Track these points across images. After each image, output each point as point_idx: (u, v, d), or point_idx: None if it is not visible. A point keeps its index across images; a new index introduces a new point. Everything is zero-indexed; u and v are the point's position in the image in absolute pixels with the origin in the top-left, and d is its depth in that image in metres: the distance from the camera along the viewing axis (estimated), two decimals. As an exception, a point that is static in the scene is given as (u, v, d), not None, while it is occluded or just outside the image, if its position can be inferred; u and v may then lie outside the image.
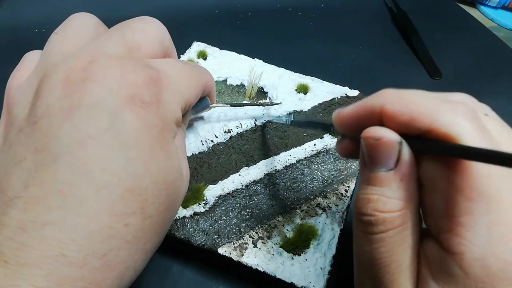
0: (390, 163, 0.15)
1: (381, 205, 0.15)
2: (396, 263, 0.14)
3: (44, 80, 0.15)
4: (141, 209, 0.14)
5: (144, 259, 0.15)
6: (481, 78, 0.41)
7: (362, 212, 0.15)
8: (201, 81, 0.20)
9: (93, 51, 0.16)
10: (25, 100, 0.15)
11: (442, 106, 0.14)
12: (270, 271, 0.22)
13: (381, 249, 0.15)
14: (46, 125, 0.14)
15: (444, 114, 0.14)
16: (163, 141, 0.16)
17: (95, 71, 0.15)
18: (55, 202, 0.13)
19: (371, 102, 0.16)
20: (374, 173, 0.15)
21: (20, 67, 0.17)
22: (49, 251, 0.12)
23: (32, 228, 0.12)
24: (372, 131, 0.15)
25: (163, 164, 0.15)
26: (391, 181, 0.15)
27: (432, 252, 0.14)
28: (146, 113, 0.15)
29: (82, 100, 0.14)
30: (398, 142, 0.15)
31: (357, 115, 0.17)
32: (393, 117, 0.15)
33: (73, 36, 0.17)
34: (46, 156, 0.13)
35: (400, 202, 0.15)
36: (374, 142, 0.15)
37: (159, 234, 0.16)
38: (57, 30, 0.18)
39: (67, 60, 0.15)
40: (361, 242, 0.16)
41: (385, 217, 0.15)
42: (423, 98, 0.15)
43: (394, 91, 0.16)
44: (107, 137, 0.14)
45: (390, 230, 0.14)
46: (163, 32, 0.19)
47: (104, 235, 0.13)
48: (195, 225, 0.24)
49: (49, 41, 0.17)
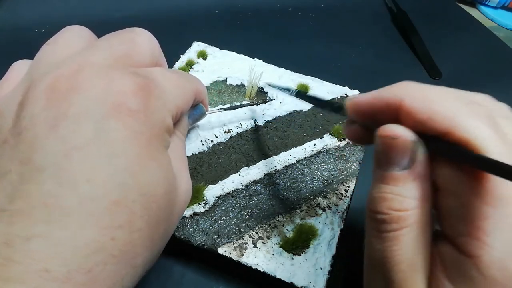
0: (405, 162, 0.15)
1: (396, 203, 0.15)
2: (409, 262, 0.14)
3: (29, 90, 0.15)
4: (128, 222, 0.14)
5: (133, 275, 0.15)
6: (481, 78, 0.41)
7: (376, 211, 0.15)
8: (191, 89, 0.20)
9: (79, 61, 0.15)
10: (10, 110, 0.15)
11: (462, 108, 0.14)
12: (270, 271, 0.22)
13: (393, 247, 0.15)
14: (30, 137, 0.13)
15: (465, 118, 0.14)
16: (153, 150, 0.15)
17: (81, 81, 0.14)
18: (40, 215, 0.12)
19: (390, 93, 0.16)
20: (388, 172, 0.15)
21: (7, 77, 0.17)
22: (33, 265, 0.12)
23: (17, 242, 0.12)
24: (388, 130, 0.15)
25: (152, 175, 0.15)
26: (405, 180, 0.15)
27: (447, 253, 0.14)
28: (133, 121, 0.14)
29: (67, 110, 0.14)
30: (414, 142, 0.14)
31: (373, 105, 0.16)
32: (411, 113, 0.15)
33: (63, 47, 0.17)
34: (31, 168, 0.13)
35: (414, 201, 0.15)
36: (390, 141, 0.15)
37: (150, 248, 0.15)
38: (49, 41, 0.17)
39: (52, 69, 0.15)
40: (373, 240, 0.16)
41: (400, 216, 0.15)
42: (444, 97, 0.15)
43: (415, 85, 0.15)
44: (93, 147, 0.13)
45: (404, 228, 0.14)
46: (153, 43, 0.19)
47: (90, 249, 0.13)
48: (195, 225, 0.24)
49: (40, 52, 0.17)
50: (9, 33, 0.41)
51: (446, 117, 0.14)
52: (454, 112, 0.14)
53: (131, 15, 0.44)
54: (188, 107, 0.20)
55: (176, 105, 0.18)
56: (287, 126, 0.30)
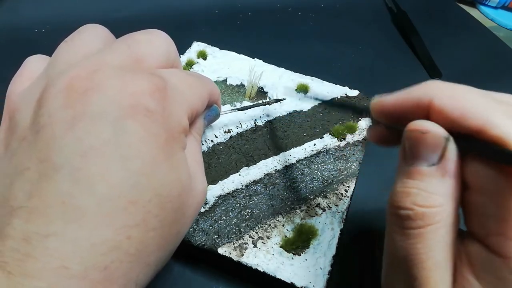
0: (434, 158, 0.15)
1: (420, 199, 0.14)
2: (433, 260, 0.14)
3: (47, 88, 0.15)
4: (144, 221, 0.14)
5: (146, 273, 0.15)
6: (481, 78, 0.41)
7: (399, 206, 0.15)
8: (206, 90, 0.20)
9: (97, 61, 0.16)
10: (28, 107, 0.15)
11: (495, 106, 0.14)
12: (270, 271, 0.22)
13: (418, 245, 0.14)
14: (48, 135, 0.14)
15: (497, 116, 0.13)
16: (169, 152, 0.15)
17: (98, 81, 0.14)
18: (57, 213, 0.13)
19: (419, 93, 0.15)
20: (415, 167, 0.15)
21: (22, 73, 0.17)
22: (51, 263, 0.12)
23: (35, 239, 0.12)
24: (419, 124, 0.15)
25: (167, 177, 0.15)
26: (432, 176, 0.15)
27: (476, 252, 0.14)
28: (151, 122, 0.15)
29: (84, 111, 0.14)
30: (445, 138, 0.14)
31: (401, 106, 0.16)
32: (443, 112, 0.14)
33: (81, 46, 0.17)
34: (49, 167, 0.13)
35: (440, 198, 0.14)
36: (420, 135, 0.15)
37: (164, 247, 0.16)
38: (67, 39, 0.17)
39: (70, 69, 0.15)
40: (396, 237, 0.15)
41: (424, 212, 0.14)
42: (475, 96, 0.14)
43: (444, 84, 0.15)
44: (110, 148, 0.14)
45: (429, 226, 0.14)
46: (169, 44, 0.19)
47: (106, 248, 0.13)
48: (195, 225, 0.24)
49: (58, 49, 0.17)
50: (9, 33, 0.41)
51: (479, 115, 0.14)
52: (488, 110, 0.14)
53: (131, 15, 0.44)
54: (203, 108, 0.20)
55: (192, 106, 0.18)
56: (287, 126, 0.30)
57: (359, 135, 0.29)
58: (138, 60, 0.17)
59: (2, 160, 0.15)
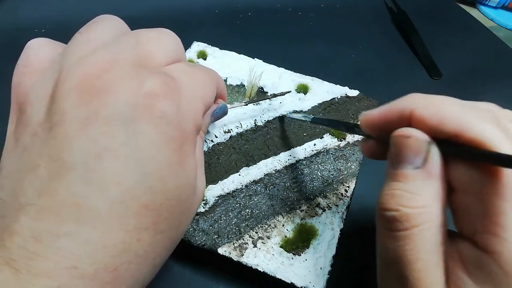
0: (417, 161, 0.15)
1: (405, 200, 0.15)
2: (423, 261, 0.15)
3: (59, 83, 0.14)
4: (154, 224, 0.14)
5: (152, 273, 0.15)
6: (481, 78, 0.41)
7: (385, 208, 0.15)
8: (214, 82, 0.20)
9: (107, 57, 0.15)
10: (41, 102, 0.15)
11: (469, 112, 0.15)
12: (270, 271, 0.22)
13: (406, 247, 0.15)
14: (61, 134, 0.13)
15: (472, 120, 0.14)
16: (182, 155, 0.15)
17: (111, 80, 0.14)
18: (70, 214, 0.13)
19: (400, 105, 0.16)
20: (400, 170, 0.16)
21: (29, 61, 0.16)
22: (62, 263, 0.12)
23: (46, 238, 0.12)
24: (402, 130, 0.16)
25: (179, 181, 0.15)
26: (417, 178, 0.15)
27: (466, 251, 0.15)
28: (166, 125, 0.14)
29: (98, 111, 0.14)
30: (426, 142, 0.15)
31: (386, 118, 0.17)
32: (422, 120, 0.15)
33: (95, 38, 0.16)
34: (60, 166, 0.13)
35: (425, 199, 0.15)
36: (404, 140, 0.16)
37: (169, 249, 0.16)
38: (82, 29, 0.17)
39: (81, 64, 0.15)
40: (385, 240, 0.16)
41: (409, 213, 0.15)
42: (451, 104, 0.15)
43: (423, 96, 0.16)
44: (124, 151, 0.14)
45: (415, 227, 0.15)
46: (178, 43, 0.19)
47: (117, 250, 0.13)
48: (195, 225, 0.24)
49: (72, 40, 0.17)
50: (9, 33, 0.41)
51: (454, 120, 0.15)
52: (463, 115, 0.15)
53: (131, 15, 0.43)
54: (213, 100, 0.20)
55: (204, 103, 0.18)
56: (287, 126, 0.30)
57: (359, 135, 0.29)
58: (147, 57, 0.16)
59: (13, 153, 0.15)
